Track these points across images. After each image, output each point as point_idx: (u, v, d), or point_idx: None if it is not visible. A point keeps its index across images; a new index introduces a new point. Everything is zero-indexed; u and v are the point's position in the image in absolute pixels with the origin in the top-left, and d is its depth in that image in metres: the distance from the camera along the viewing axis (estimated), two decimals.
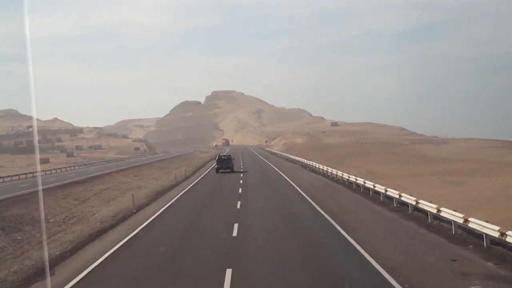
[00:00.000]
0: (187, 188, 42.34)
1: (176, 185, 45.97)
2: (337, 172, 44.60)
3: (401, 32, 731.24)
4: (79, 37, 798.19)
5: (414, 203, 22.79)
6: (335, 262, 15.67)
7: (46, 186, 46.12)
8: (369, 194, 31.68)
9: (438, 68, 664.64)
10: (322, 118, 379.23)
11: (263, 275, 14.44)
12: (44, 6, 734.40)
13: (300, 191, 36.09)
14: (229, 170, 58.73)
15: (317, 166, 57.90)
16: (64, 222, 28.62)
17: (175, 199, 34.69)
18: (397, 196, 25.48)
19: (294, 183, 42.56)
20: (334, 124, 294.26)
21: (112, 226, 24.08)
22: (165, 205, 31.31)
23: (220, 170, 58.59)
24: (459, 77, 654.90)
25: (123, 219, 26.42)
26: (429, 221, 21.05)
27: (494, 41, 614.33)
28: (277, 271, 14.74)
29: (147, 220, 25.22)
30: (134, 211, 28.75)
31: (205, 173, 61.07)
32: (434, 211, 20.24)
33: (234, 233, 20.23)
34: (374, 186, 30.38)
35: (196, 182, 48.86)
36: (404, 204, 25.13)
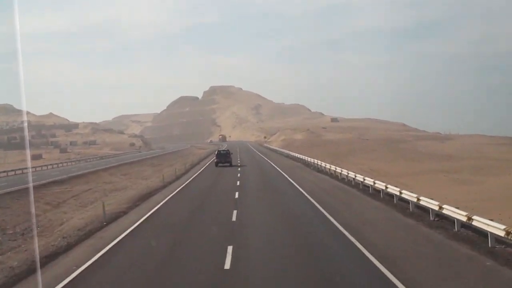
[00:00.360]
0: (177, 191, 37.01)
1: (165, 186, 40.66)
2: (347, 173, 39.03)
3: (401, 30, 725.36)
4: (77, 33, 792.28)
5: (464, 219, 17.10)
6: None
7: (21, 187, 41.12)
8: (393, 201, 26.24)
9: (438, 65, 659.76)
10: (322, 114, 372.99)
11: None
12: (42, 3, 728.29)
13: (308, 196, 30.26)
14: (228, 164, 61.18)
15: (323, 165, 52.32)
16: (23, 234, 23.84)
17: (159, 205, 29.27)
18: (436, 208, 19.76)
19: (299, 186, 36.76)
20: (334, 120, 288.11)
21: (70, 247, 18.65)
22: (146, 214, 25.87)
23: (219, 164, 61.16)
24: (459, 75, 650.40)
25: (90, 234, 21.19)
26: (489, 245, 15.62)
27: (493, 40, 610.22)
28: None
29: (117, 237, 19.72)
30: (105, 223, 23.34)
31: (199, 172, 56.05)
32: (502, 233, 14.67)
33: (227, 264, 14.53)
34: (401, 193, 24.78)
35: (188, 183, 43.46)
36: (444, 217, 19.74)
